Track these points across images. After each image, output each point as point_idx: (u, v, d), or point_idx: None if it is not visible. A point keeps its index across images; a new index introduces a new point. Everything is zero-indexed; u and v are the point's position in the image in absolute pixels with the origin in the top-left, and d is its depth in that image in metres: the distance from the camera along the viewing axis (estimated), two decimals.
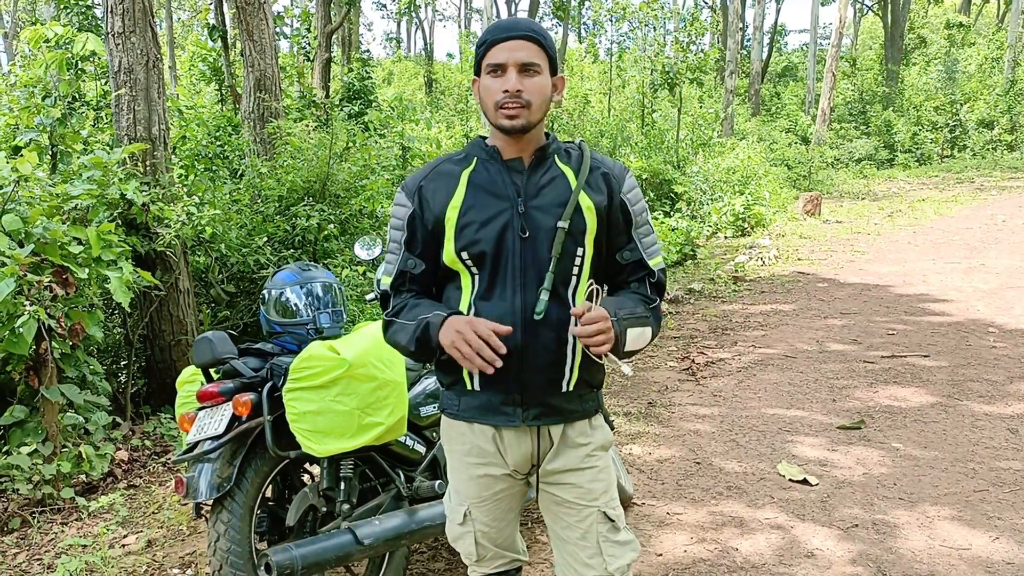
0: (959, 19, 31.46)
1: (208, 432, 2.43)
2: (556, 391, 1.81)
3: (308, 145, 6.96)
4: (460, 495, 1.94)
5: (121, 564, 3.25)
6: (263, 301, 2.75)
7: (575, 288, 1.81)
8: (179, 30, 28.84)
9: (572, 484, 1.86)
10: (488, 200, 1.79)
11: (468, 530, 1.94)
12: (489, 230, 1.77)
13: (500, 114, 1.75)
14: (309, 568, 2.33)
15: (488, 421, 1.84)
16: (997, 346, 6.01)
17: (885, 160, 24.95)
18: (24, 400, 3.90)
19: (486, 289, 1.80)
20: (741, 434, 4.46)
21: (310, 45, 14.97)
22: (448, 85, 30.74)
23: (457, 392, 1.87)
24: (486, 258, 1.78)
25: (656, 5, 16.73)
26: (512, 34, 1.75)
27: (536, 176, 1.82)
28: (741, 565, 3.08)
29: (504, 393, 1.80)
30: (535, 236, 1.77)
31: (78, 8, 10.48)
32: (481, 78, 1.79)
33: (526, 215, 1.77)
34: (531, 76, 1.75)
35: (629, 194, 1.85)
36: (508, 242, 1.77)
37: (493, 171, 1.82)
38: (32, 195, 4.03)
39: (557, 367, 1.80)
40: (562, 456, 1.86)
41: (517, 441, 1.85)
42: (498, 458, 1.87)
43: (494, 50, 1.75)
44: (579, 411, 1.85)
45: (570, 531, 1.88)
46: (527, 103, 1.74)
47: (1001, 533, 3.27)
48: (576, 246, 1.79)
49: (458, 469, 1.93)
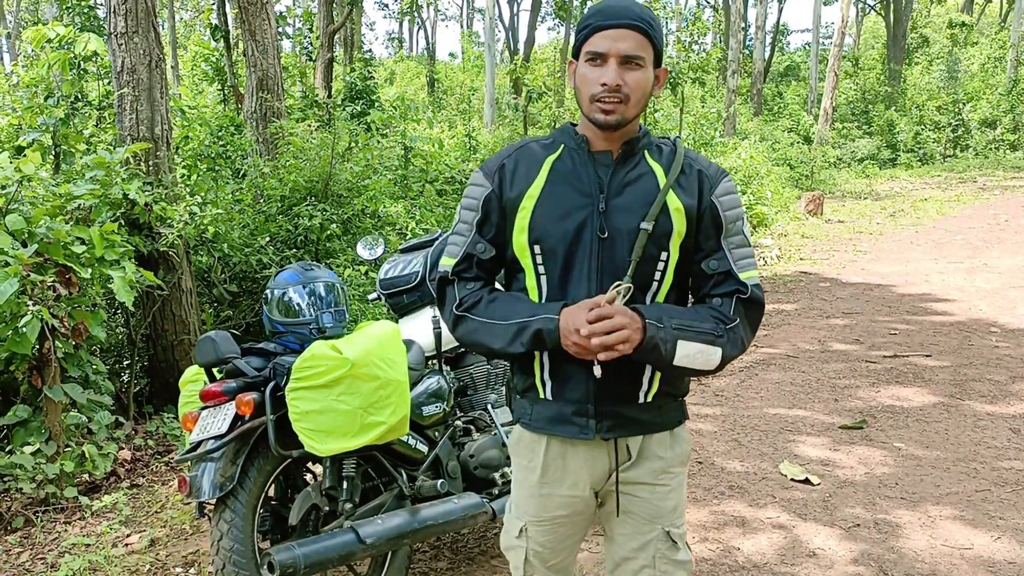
0: (962, 18, 31.40)
1: (211, 431, 2.44)
2: (632, 402, 1.69)
3: (310, 145, 6.97)
4: (519, 509, 1.81)
5: (124, 563, 3.26)
6: (266, 301, 2.76)
7: (655, 294, 1.67)
8: (181, 30, 28.86)
9: (642, 499, 1.74)
10: (568, 193, 1.66)
11: (521, 545, 1.80)
12: (565, 225, 1.64)
13: (595, 107, 1.61)
14: (312, 567, 2.33)
15: (559, 432, 1.71)
16: (1000, 346, 6.00)
17: (887, 160, 24.91)
18: (27, 399, 3.91)
19: (556, 289, 1.67)
20: (743, 434, 4.47)
21: (312, 45, 14.97)
22: (450, 85, 30.76)
23: (530, 400, 1.75)
24: (557, 256, 1.65)
25: (658, 5, 16.71)
26: (618, 22, 1.59)
27: (622, 171, 1.67)
28: (743, 565, 3.09)
29: (576, 403, 1.68)
30: (614, 237, 1.63)
31: (81, 8, 10.50)
32: (579, 64, 1.65)
33: (607, 213, 1.64)
34: (633, 69, 1.60)
35: (723, 198, 1.68)
36: (584, 241, 1.64)
37: (578, 162, 1.68)
38: (35, 195, 4.04)
39: (634, 377, 1.67)
40: (638, 467, 1.73)
41: (591, 457, 1.72)
42: (568, 478, 1.74)
43: (596, 37, 1.60)
44: (658, 423, 1.72)
45: (628, 540, 1.76)
46: (625, 98, 1.60)
47: (1003, 533, 3.26)
48: (660, 250, 1.64)
49: (521, 482, 1.80)
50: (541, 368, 1.71)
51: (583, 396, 1.67)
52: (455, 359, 3.26)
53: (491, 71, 19.25)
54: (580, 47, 1.64)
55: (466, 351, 3.26)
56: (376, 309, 5.89)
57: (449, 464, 2.94)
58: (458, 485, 2.94)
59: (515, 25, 36.34)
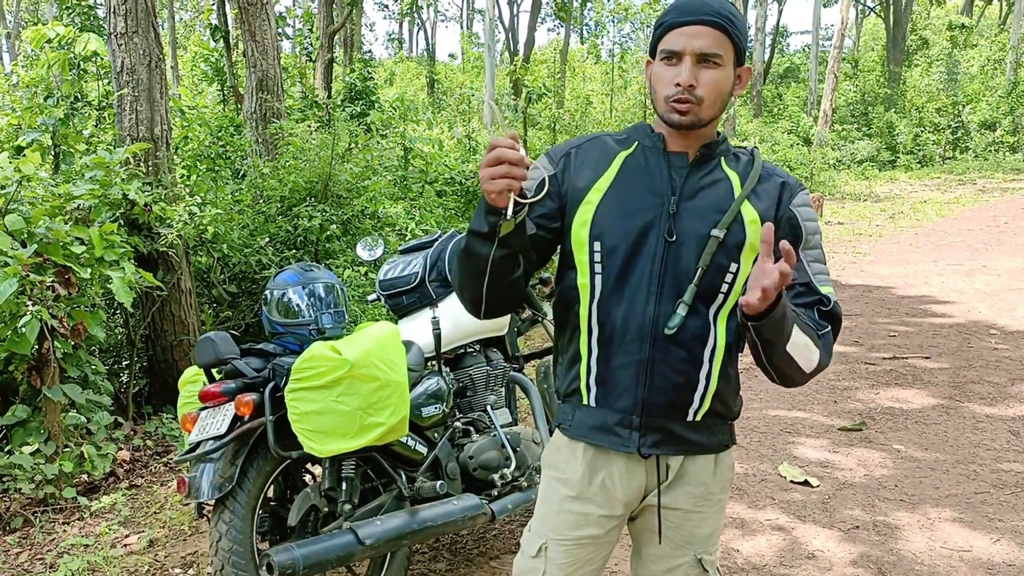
0: (961, 20, 31.43)
1: (210, 432, 2.43)
2: (680, 418, 1.59)
3: (310, 146, 6.97)
4: (543, 525, 1.69)
5: (123, 564, 3.25)
6: (265, 301, 2.76)
7: (719, 307, 1.57)
8: (181, 30, 28.86)
9: (675, 524, 1.66)
10: (639, 191, 1.57)
11: (539, 567, 1.67)
12: (630, 224, 1.55)
13: (669, 107, 1.53)
14: (311, 568, 2.33)
15: (599, 441, 1.61)
16: (999, 348, 6.00)
17: (887, 161, 24.94)
18: (26, 400, 3.91)
19: (612, 291, 1.57)
20: (742, 435, 4.46)
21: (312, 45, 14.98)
22: (450, 86, 30.76)
23: (573, 405, 1.66)
24: (618, 255, 1.56)
25: (658, 6, 16.72)
26: (695, 18, 1.50)
27: (697, 175, 1.59)
28: (742, 566, 3.09)
29: (621, 413, 1.59)
30: (683, 242, 1.54)
31: (80, 8, 10.49)
32: (654, 63, 1.56)
33: (676, 216, 1.55)
34: (710, 68, 1.51)
35: (802, 208, 1.59)
36: (650, 243, 1.55)
37: (652, 161, 1.60)
38: (35, 195, 4.04)
39: (686, 391, 1.58)
40: (675, 492, 1.64)
41: (628, 473, 1.62)
42: (600, 495, 1.64)
43: (671, 34, 1.52)
44: (704, 444, 1.62)
45: (657, 563, 1.69)
46: (700, 99, 1.51)
47: (1002, 535, 3.27)
48: (729, 260, 1.54)
49: (548, 495, 1.69)
50: (588, 372, 1.62)
51: (630, 406, 1.58)
52: (454, 360, 3.26)
53: (491, 72, 19.26)
54: (656, 45, 1.56)
55: (466, 352, 3.26)
56: (376, 310, 5.89)
57: (448, 465, 2.94)
58: (457, 486, 2.94)
59: (515, 26, 36.37)
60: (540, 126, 14.85)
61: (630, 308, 1.55)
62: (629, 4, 20.52)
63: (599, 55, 35.91)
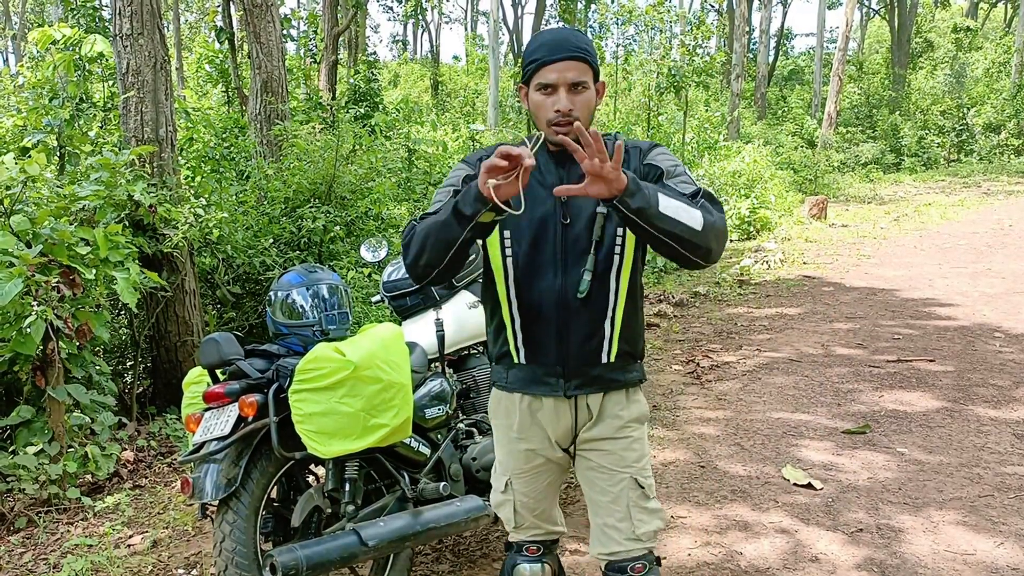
0: (966, 23, 31.40)
1: (214, 433, 2.44)
2: (596, 362, 1.93)
3: (314, 147, 6.98)
4: (503, 466, 2.09)
5: (126, 564, 3.26)
6: (269, 302, 2.76)
7: (619, 270, 1.91)
8: (186, 32, 28.93)
9: (607, 451, 1.98)
10: (535, 187, 1.87)
11: (508, 499, 2.09)
12: (532, 214, 1.88)
13: (552, 129, 1.83)
14: (314, 569, 2.33)
15: (532, 391, 1.97)
16: (1003, 351, 5.99)
17: (891, 164, 24.88)
18: (31, 400, 3.92)
19: (524, 271, 1.91)
20: (746, 438, 4.46)
21: (317, 47, 15.01)
22: (454, 87, 30.79)
23: (505, 365, 2.01)
24: (524, 241, 1.90)
25: (662, 8, 16.72)
26: (562, 55, 1.81)
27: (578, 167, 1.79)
28: (745, 569, 3.08)
29: (547, 366, 1.94)
30: (575, 222, 1.88)
31: (86, 10, 10.53)
32: (531, 92, 1.87)
33: (567, 203, 1.88)
34: (580, 93, 1.83)
35: (656, 157, 1.91)
36: (549, 229, 1.89)
37: (541, 161, 1.92)
38: (40, 196, 4.05)
39: (597, 340, 1.92)
40: (599, 425, 1.99)
41: (557, 413, 1.98)
42: (539, 433, 2.01)
43: (544, 70, 1.83)
44: (620, 381, 1.97)
45: (603, 495, 2.00)
46: (576, 119, 1.81)
47: (1006, 538, 3.26)
48: (617, 227, 1.88)
49: (502, 442, 2.08)
50: (515, 337, 1.97)
51: (554, 359, 1.93)
52: (458, 362, 3.27)
53: (495, 74, 19.27)
54: (530, 77, 1.86)
55: (469, 354, 3.26)
56: (379, 311, 5.90)
57: (451, 467, 2.95)
58: (460, 487, 2.94)
59: (519, 28, 36.39)
60: None
61: (542, 282, 1.90)
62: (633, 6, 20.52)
63: (603, 57, 35.91)
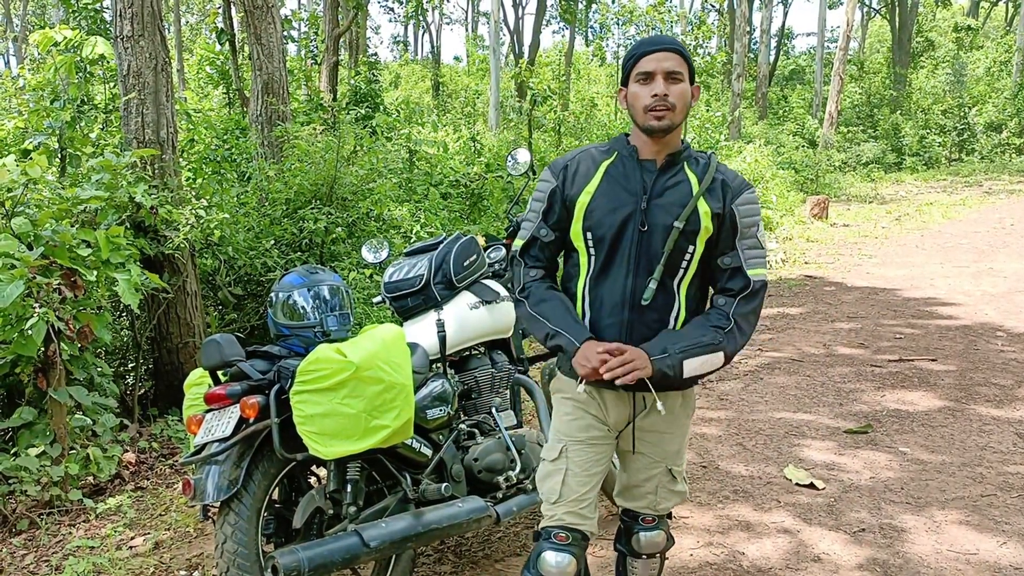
0: (967, 22, 31.37)
1: (216, 434, 2.44)
2: None
3: (316, 148, 6.98)
4: (560, 433, 2.17)
5: (128, 566, 3.26)
6: (270, 304, 2.76)
7: (680, 280, 2.04)
8: (187, 34, 28.94)
9: (653, 443, 2.17)
10: (618, 192, 2.03)
11: (560, 467, 2.14)
12: (613, 218, 2.01)
13: (649, 116, 1.98)
14: (315, 570, 2.33)
15: (593, 384, 2.07)
16: (1005, 350, 5.98)
17: (893, 164, 24.85)
18: (32, 402, 3.92)
19: (600, 271, 2.06)
20: (748, 438, 4.46)
21: (318, 48, 15.02)
22: (455, 88, 30.78)
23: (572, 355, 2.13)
24: (604, 242, 2.03)
25: (663, 8, 16.72)
26: (660, 47, 1.98)
27: (664, 178, 2.04)
28: (748, 569, 3.08)
29: None
30: (652, 231, 2.01)
31: (87, 12, 10.54)
32: (629, 86, 2.02)
33: (648, 211, 2.01)
34: (676, 83, 1.97)
35: (742, 207, 2.04)
36: (628, 232, 2.01)
37: (628, 167, 2.06)
38: (41, 198, 4.05)
39: None
40: (651, 418, 2.14)
41: (616, 403, 2.13)
42: (600, 412, 2.14)
43: (643, 60, 1.98)
44: (674, 386, 2.09)
45: (638, 473, 2.20)
46: (672, 106, 1.96)
47: (1008, 538, 3.25)
48: (688, 244, 2.01)
49: (562, 412, 2.18)
50: None
51: None
52: (459, 363, 3.26)
53: (496, 75, 19.27)
54: (629, 73, 2.02)
55: (471, 355, 3.27)
56: (381, 313, 5.90)
57: (453, 467, 2.94)
58: (462, 488, 2.93)
59: (520, 29, 36.38)
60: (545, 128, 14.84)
61: (614, 283, 2.04)
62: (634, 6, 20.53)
63: (604, 57, 35.90)
